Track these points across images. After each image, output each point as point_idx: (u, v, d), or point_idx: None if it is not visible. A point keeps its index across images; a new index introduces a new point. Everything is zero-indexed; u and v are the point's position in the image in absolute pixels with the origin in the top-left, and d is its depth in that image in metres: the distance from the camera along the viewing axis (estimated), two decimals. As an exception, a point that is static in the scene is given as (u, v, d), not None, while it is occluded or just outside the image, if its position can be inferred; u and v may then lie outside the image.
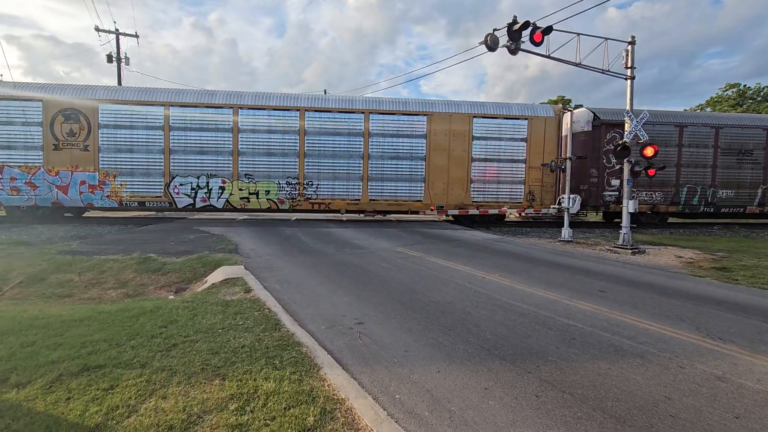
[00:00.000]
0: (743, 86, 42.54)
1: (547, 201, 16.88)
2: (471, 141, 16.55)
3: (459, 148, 16.49)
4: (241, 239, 11.59)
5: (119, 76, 23.98)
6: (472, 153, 16.58)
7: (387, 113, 16.15)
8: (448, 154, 16.45)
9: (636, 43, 11.28)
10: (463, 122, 16.48)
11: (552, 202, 16.88)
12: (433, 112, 16.34)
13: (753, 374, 3.84)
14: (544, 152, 16.62)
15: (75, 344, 4.09)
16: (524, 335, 4.68)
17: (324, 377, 3.55)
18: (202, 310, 5.32)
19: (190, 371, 3.60)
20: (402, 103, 16.44)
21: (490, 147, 16.69)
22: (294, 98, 15.97)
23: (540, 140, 16.66)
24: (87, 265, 8.23)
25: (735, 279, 8.00)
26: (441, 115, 16.38)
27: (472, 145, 16.58)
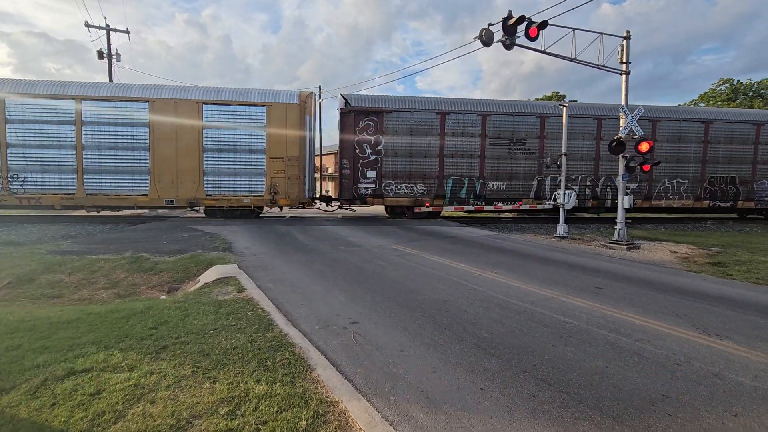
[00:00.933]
0: (736, 82, 42.79)
1: (293, 194, 15.64)
2: (202, 130, 15.32)
3: (188, 137, 15.23)
4: (235, 237, 11.48)
5: (110, 72, 23.65)
6: (203, 143, 15.32)
7: (103, 100, 14.93)
8: (176, 144, 15.19)
9: (631, 38, 11.24)
10: (191, 110, 15.18)
11: (299, 195, 15.70)
12: (156, 98, 15.10)
13: (749, 371, 3.82)
14: (287, 142, 15.48)
15: (62, 347, 3.99)
16: (520, 333, 4.63)
17: (317, 379, 3.48)
18: (194, 310, 5.22)
19: (180, 374, 3.52)
20: (121, 89, 15.33)
21: (225, 136, 15.45)
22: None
23: (282, 129, 15.50)
24: (77, 265, 8.09)
25: (730, 274, 8.01)
26: (165, 102, 15.11)
27: (204, 135, 15.32)
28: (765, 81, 41.84)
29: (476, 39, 10.14)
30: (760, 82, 41.90)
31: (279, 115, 15.54)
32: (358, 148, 15.98)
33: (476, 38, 10.14)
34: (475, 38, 10.15)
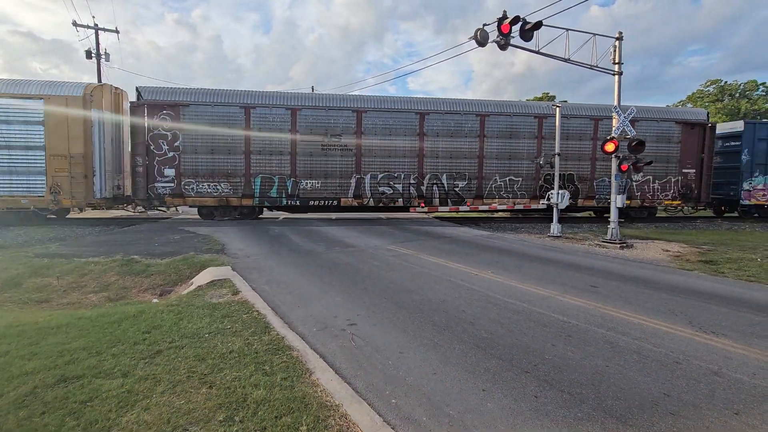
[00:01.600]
0: (723, 83, 43.52)
1: (79, 195, 14.25)
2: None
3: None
4: (228, 239, 11.34)
5: (98, 72, 23.28)
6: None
7: None
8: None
9: (623, 38, 11.33)
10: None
11: (87, 195, 14.27)
12: None
13: (748, 368, 3.83)
14: (69, 137, 14.08)
15: (52, 353, 3.87)
16: (520, 333, 4.61)
17: (316, 382, 3.42)
18: (187, 313, 5.12)
19: (176, 379, 3.43)
20: None
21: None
22: None
23: (64, 124, 14.07)
24: (66, 268, 7.91)
25: (722, 272, 8.10)
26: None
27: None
28: (751, 82, 42.62)
29: (471, 39, 10.14)
30: (746, 83, 42.67)
31: (59, 110, 14.06)
32: (153, 144, 14.71)
33: (471, 38, 10.14)
34: (470, 38, 10.15)
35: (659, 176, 17.71)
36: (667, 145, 17.59)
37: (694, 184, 17.83)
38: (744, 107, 40.58)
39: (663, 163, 17.54)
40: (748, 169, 18.24)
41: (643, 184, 17.63)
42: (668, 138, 17.60)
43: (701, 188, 17.87)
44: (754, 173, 18.13)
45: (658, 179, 17.74)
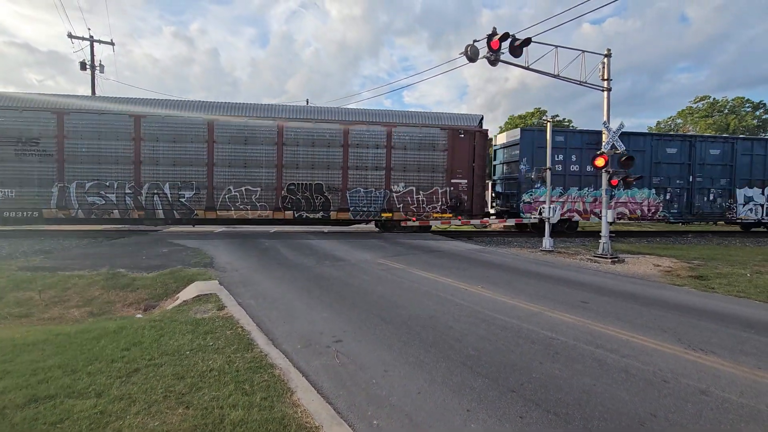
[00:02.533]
0: (712, 99, 44.45)
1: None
2: None
3: None
4: (217, 252, 11.22)
5: (93, 84, 23.31)
6: None
7: None
8: None
9: (612, 55, 11.54)
10: None
11: None
12: None
13: (736, 387, 3.79)
14: None
15: (25, 372, 3.75)
16: (507, 350, 4.55)
17: (297, 403, 3.32)
18: (170, 329, 5.01)
19: (152, 399, 3.32)
20: None
21: None
22: None
23: None
24: (49, 282, 7.75)
25: (712, 287, 8.11)
26: None
27: None
28: (738, 99, 43.55)
29: (462, 55, 10.27)
30: (734, 99, 43.58)
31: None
32: None
33: (462, 54, 10.27)
34: (461, 54, 10.28)
35: (424, 187, 16.21)
36: (432, 153, 16.16)
37: (466, 196, 16.35)
38: (733, 123, 41.37)
39: (428, 172, 16.19)
40: (528, 179, 16.74)
41: (405, 195, 16.12)
42: (433, 145, 16.15)
43: (473, 200, 16.42)
44: (535, 184, 16.82)
45: (423, 190, 16.21)
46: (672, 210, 18.08)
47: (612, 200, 17.01)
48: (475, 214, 16.58)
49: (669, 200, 18.02)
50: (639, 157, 17.36)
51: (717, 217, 18.76)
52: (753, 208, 18.76)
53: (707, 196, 18.43)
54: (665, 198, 18.00)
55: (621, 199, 17.72)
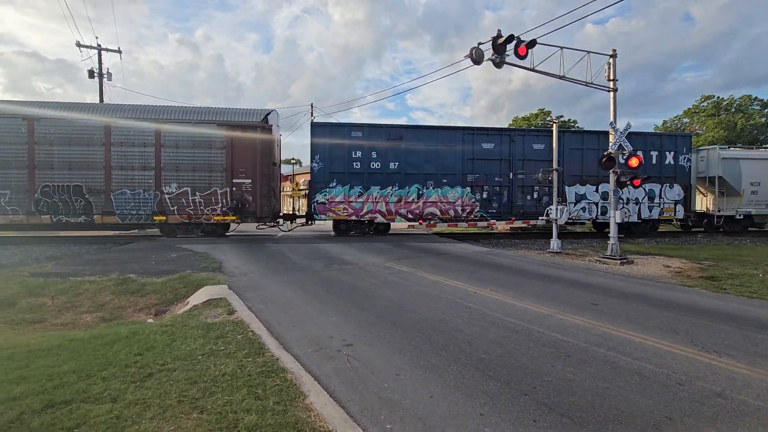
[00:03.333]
0: (717, 98, 44.07)
1: None
2: None
3: None
4: (226, 257, 11.28)
5: (101, 91, 23.60)
6: None
7: None
8: None
9: (617, 56, 11.50)
10: None
11: None
12: None
13: (752, 389, 3.74)
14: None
15: (41, 377, 3.79)
16: (518, 353, 4.53)
17: (310, 407, 3.33)
18: (181, 334, 5.04)
19: (166, 404, 3.34)
20: None
21: None
22: None
23: None
24: (61, 287, 7.84)
25: (723, 288, 8.01)
26: None
27: None
28: (745, 97, 43.13)
29: (467, 57, 10.29)
30: (741, 98, 43.16)
31: None
32: None
33: (467, 57, 10.29)
34: (466, 56, 10.30)
35: (201, 188, 15.14)
36: (209, 151, 15.14)
37: (251, 196, 15.37)
38: (740, 122, 40.95)
39: (205, 172, 15.14)
40: (322, 178, 16.01)
41: (179, 196, 15.02)
42: (209, 143, 15.14)
43: (258, 201, 15.41)
44: (330, 183, 16.03)
45: (200, 191, 15.14)
46: (490, 210, 16.99)
47: (420, 200, 16.38)
48: (262, 216, 15.55)
49: (486, 199, 16.91)
50: (449, 154, 16.58)
51: None
52: (586, 206, 17.54)
53: (530, 194, 17.23)
54: (482, 197, 16.90)
55: (431, 198, 16.57)
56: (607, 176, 16.92)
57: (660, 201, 17.95)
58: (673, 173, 18.18)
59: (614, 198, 11.52)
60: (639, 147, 17.11)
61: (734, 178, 18.52)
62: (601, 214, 17.56)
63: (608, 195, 16.62)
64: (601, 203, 17.60)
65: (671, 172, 18.16)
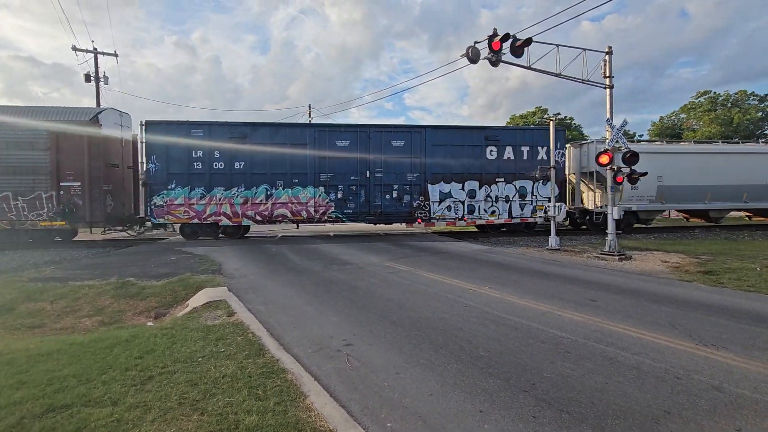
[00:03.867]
0: (714, 93, 44.21)
1: None
2: None
3: None
4: (225, 259, 11.29)
5: (97, 95, 23.56)
6: None
7: None
8: None
9: (613, 53, 11.53)
10: None
11: None
12: None
13: (749, 382, 3.77)
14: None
15: (41, 382, 3.80)
16: (518, 350, 4.55)
17: (310, 407, 3.35)
18: (181, 337, 5.05)
19: (167, 406, 3.36)
20: None
21: None
22: None
23: None
24: (60, 292, 7.84)
25: (721, 282, 8.05)
26: None
27: None
28: (741, 92, 43.26)
29: (463, 56, 10.31)
30: (737, 93, 43.30)
31: None
32: None
33: (463, 56, 10.31)
34: (462, 56, 10.32)
35: (24, 192, 14.05)
36: (31, 152, 14.00)
37: (82, 201, 14.31)
38: (737, 117, 41.08)
39: (28, 175, 14.02)
40: (160, 179, 15.00)
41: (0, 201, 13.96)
42: (31, 144, 13.97)
43: (88, 205, 14.32)
44: (168, 185, 15.06)
45: (22, 196, 14.03)
46: (346, 210, 16.05)
47: (269, 200, 15.55)
48: (94, 221, 14.63)
49: (342, 199, 16.01)
50: (299, 153, 15.68)
51: (405, 218, 16.56)
52: (452, 205, 16.56)
53: (390, 193, 16.25)
54: (337, 197, 15.99)
55: (280, 199, 15.70)
56: (474, 173, 16.54)
57: (533, 198, 17.05)
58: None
59: (611, 195, 11.56)
60: (509, 142, 16.74)
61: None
62: (468, 213, 16.71)
63: (475, 193, 16.53)
64: (468, 202, 16.68)
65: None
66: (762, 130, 42.72)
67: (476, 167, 16.74)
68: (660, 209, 18.78)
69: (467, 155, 16.68)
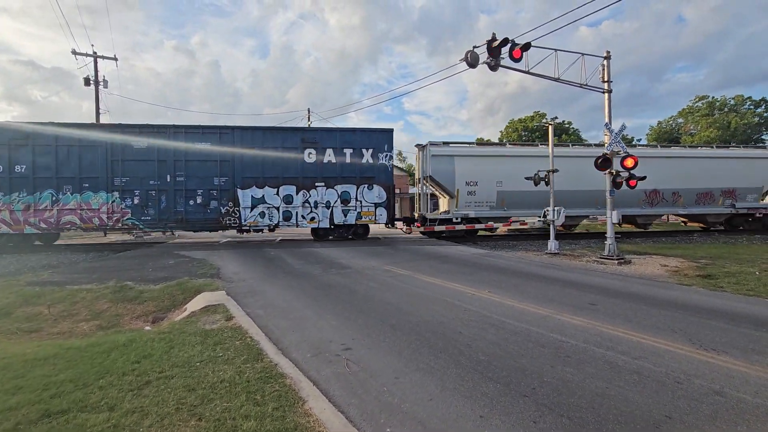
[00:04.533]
0: (711, 98, 44.44)
1: None
2: None
3: None
4: (224, 263, 11.25)
5: (97, 99, 23.57)
6: None
7: None
8: None
9: (611, 57, 11.59)
10: None
11: None
12: None
13: (750, 387, 3.75)
14: None
15: (37, 387, 3.76)
16: (518, 355, 4.53)
17: (309, 412, 3.32)
18: (179, 341, 5.02)
19: (164, 412, 3.32)
20: None
21: None
22: None
23: None
24: (58, 296, 7.80)
25: (720, 286, 8.05)
26: None
27: None
28: (738, 97, 43.51)
29: (462, 61, 10.34)
30: (734, 98, 43.55)
31: None
32: None
33: (462, 60, 10.34)
34: (461, 60, 10.35)
35: None
36: None
37: None
38: (734, 122, 41.28)
39: None
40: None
41: None
42: None
43: None
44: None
45: None
46: (144, 217, 15.14)
47: (54, 206, 14.47)
48: None
49: (139, 205, 15.10)
50: (89, 156, 14.67)
51: (213, 225, 15.69)
52: (266, 212, 15.76)
53: (194, 199, 15.35)
54: (134, 203, 15.10)
55: (68, 205, 14.61)
56: (291, 178, 15.54)
57: (357, 204, 16.26)
58: (373, 173, 16.39)
59: (610, 199, 11.57)
60: (330, 145, 16.05)
61: (447, 178, 17.00)
62: (284, 220, 15.90)
63: (292, 198, 15.57)
64: (284, 208, 15.89)
65: (371, 171, 16.37)
66: (759, 135, 42.91)
67: (293, 171, 15.87)
68: (504, 216, 17.67)
69: (283, 158, 15.80)
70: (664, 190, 18.56)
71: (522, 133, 44.42)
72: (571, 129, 45.87)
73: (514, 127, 45.58)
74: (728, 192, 19.18)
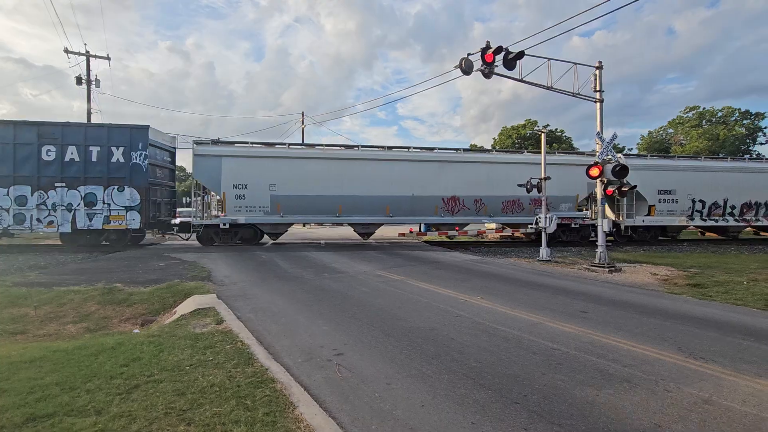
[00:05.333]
0: (702, 108, 45.25)
1: None
2: None
3: None
4: (215, 266, 11.16)
5: (88, 98, 23.36)
6: None
7: None
8: None
9: (603, 67, 11.76)
10: None
11: None
12: None
13: (738, 395, 3.79)
14: None
15: (22, 390, 3.69)
16: (509, 362, 4.54)
17: (300, 417, 3.29)
18: (168, 344, 4.95)
19: (152, 416, 3.27)
20: None
21: None
22: None
23: None
24: (45, 297, 7.66)
25: (710, 296, 8.14)
26: None
27: None
28: (726, 108, 44.35)
29: (456, 68, 10.42)
30: (722, 109, 44.37)
31: None
32: None
33: (456, 67, 10.42)
34: (456, 67, 10.44)
35: None
36: None
37: None
38: (722, 133, 42.01)
39: None
40: None
41: None
42: None
43: None
44: None
45: None
46: None
47: None
48: None
49: None
50: None
51: None
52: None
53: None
54: None
55: None
56: (25, 176, 13.85)
57: (105, 207, 14.68)
58: (125, 174, 14.82)
59: (601, 207, 11.69)
60: (73, 141, 14.46)
61: (212, 180, 15.72)
62: (17, 224, 14.16)
63: (26, 199, 13.88)
64: (16, 210, 14.15)
65: (122, 172, 14.80)
66: (747, 145, 43.72)
67: (28, 169, 14.21)
68: (284, 222, 16.45)
69: (15, 155, 14.16)
70: (464, 197, 17.14)
71: (516, 141, 44.76)
72: (564, 137, 46.33)
73: (508, 134, 45.93)
74: (537, 201, 16.68)
